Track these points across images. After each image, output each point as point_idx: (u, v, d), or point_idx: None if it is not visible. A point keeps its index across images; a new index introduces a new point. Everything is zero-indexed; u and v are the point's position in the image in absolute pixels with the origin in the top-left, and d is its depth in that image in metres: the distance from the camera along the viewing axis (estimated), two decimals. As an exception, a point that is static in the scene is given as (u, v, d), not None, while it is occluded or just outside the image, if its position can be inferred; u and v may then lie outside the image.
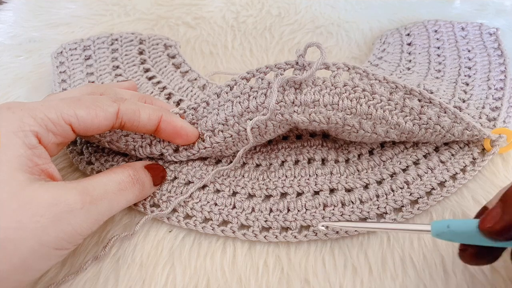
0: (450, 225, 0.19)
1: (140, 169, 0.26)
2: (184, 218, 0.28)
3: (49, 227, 0.20)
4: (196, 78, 0.38)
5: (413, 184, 0.28)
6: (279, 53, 0.43)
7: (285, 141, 0.31)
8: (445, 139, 0.27)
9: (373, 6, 0.48)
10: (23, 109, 0.22)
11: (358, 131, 0.26)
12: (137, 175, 0.25)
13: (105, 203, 0.23)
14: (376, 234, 0.27)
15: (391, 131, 0.26)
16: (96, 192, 0.22)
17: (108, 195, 0.23)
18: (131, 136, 0.29)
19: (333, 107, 0.25)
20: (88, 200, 0.21)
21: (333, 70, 0.27)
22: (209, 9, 0.49)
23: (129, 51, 0.40)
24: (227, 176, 0.29)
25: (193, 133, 0.28)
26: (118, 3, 0.49)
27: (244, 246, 0.27)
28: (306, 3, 0.49)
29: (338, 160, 0.30)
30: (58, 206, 0.20)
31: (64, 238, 0.21)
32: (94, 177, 0.23)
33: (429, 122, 0.26)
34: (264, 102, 0.26)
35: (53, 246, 0.20)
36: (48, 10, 0.49)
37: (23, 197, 0.19)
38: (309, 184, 0.28)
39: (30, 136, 0.21)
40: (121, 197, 0.24)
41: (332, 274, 0.25)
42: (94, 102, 0.24)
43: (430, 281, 0.24)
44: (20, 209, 0.19)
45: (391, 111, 0.26)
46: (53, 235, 0.20)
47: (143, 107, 0.26)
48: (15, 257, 0.19)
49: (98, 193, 0.22)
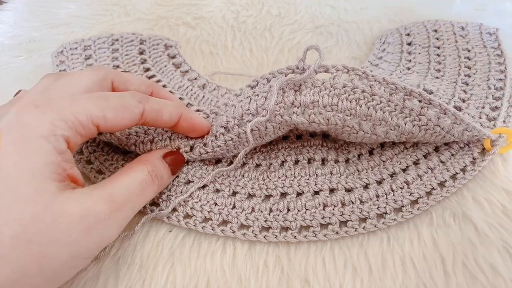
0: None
1: (158, 162, 0.26)
2: (184, 217, 0.28)
3: (80, 240, 0.20)
4: (196, 78, 0.38)
5: (413, 184, 0.28)
6: (279, 53, 0.43)
7: (285, 141, 0.31)
8: (445, 140, 0.27)
9: (373, 6, 0.48)
10: (53, 109, 0.21)
11: (357, 132, 0.26)
12: (155, 170, 0.25)
13: (129, 207, 0.23)
14: (376, 234, 0.27)
15: (391, 132, 0.26)
16: (121, 198, 0.22)
17: (132, 198, 0.23)
18: (134, 129, 0.29)
19: (333, 108, 0.25)
20: (115, 207, 0.21)
21: (332, 72, 0.27)
22: (209, 9, 0.49)
23: (129, 51, 0.40)
24: (227, 176, 0.29)
25: (208, 127, 0.28)
26: (118, 3, 0.49)
27: (244, 246, 0.27)
28: (306, 3, 0.49)
29: (338, 160, 0.30)
30: (88, 218, 0.20)
31: (94, 248, 0.21)
32: (116, 179, 0.23)
33: (429, 123, 0.26)
34: (263, 104, 0.26)
35: (84, 256, 0.21)
36: (48, 10, 0.49)
37: (55, 210, 0.19)
38: (309, 184, 0.28)
39: (61, 141, 0.21)
40: (142, 197, 0.24)
41: (332, 274, 0.25)
42: (121, 102, 0.23)
43: (430, 281, 0.24)
44: (53, 223, 0.19)
45: (390, 112, 0.25)
46: (84, 246, 0.20)
47: (165, 106, 0.26)
48: (49, 271, 0.19)
49: (123, 198, 0.22)
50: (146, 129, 0.29)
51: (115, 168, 0.30)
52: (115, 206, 0.21)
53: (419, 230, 0.27)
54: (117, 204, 0.22)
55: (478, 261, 0.25)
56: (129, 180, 0.23)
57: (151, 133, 0.29)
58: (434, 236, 0.26)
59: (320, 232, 0.26)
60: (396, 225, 0.27)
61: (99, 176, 0.30)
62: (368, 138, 0.27)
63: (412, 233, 0.27)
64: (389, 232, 0.27)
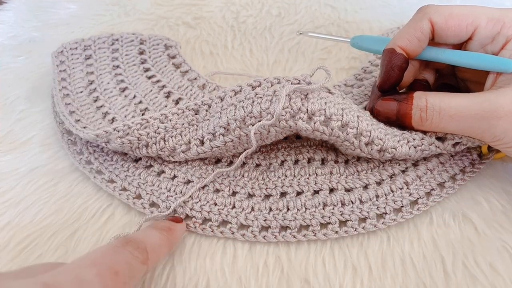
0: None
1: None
2: (184, 219, 0.28)
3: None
4: (196, 78, 0.38)
5: (413, 185, 0.28)
6: (279, 53, 0.42)
7: (285, 141, 0.31)
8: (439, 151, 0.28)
9: (373, 6, 0.48)
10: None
11: (355, 149, 0.27)
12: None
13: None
14: (376, 234, 0.27)
15: (387, 155, 0.27)
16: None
17: None
18: (128, 138, 0.28)
19: (338, 118, 0.25)
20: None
21: (333, 93, 0.27)
22: (209, 9, 0.49)
23: (129, 51, 0.40)
24: (227, 176, 0.29)
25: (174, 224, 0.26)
26: (118, 3, 0.49)
27: (245, 246, 0.27)
28: (306, 3, 0.49)
29: (338, 160, 0.30)
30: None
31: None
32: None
33: (423, 143, 0.26)
34: (268, 108, 0.26)
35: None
36: (48, 10, 0.49)
37: None
38: (309, 184, 0.28)
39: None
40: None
41: (332, 274, 0.25)
42: (129, 273, 0.20)
43: (430, 281, 0.24)
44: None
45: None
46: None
47: (159, 248, 0.23)
48: None
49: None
50: (156, 129, 0.28)
51: (114, 168, 0.30)
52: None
53: (419, 230, 0.27)
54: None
55: (478, 261, 0.25)
56: None
57: (144, 138, 0.28)
58: (434, 236, 0.26)
59: (319, 232, 0.26)
60: (396, 225, 0.27)
61: (99, 176, 0.30)
62: (363, 155, 0.28)
63: (412, 233, 0.27)
64: (389, 232, 0.27)
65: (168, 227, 0.25)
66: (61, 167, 0.32)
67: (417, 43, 0.26)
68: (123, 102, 0.35)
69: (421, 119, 0.25)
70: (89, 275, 0.18)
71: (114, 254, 0.21)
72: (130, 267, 0.20)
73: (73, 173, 0.31)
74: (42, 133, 0.34)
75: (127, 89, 0.36)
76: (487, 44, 0.25)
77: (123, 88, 0.36)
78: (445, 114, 0.24)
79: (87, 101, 0.34)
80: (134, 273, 0.20)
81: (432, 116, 0.25)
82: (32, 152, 0.33)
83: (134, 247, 0.21)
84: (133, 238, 0.22)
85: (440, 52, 0.26)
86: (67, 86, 0.35)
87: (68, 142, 0.32)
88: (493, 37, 0.25)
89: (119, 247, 0.21)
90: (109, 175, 0.30)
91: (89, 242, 0.27)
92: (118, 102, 0.34)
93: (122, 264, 0.20)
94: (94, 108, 0.34)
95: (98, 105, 0.34)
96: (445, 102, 0.24)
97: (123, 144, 0.28)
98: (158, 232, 0.24)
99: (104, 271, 0.19)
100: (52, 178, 0.31)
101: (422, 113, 0.25)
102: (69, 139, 0.32)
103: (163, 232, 0.24)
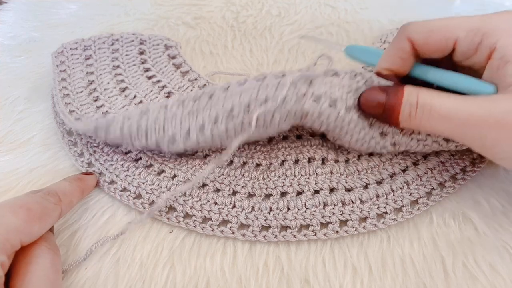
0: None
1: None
2: (184, 217, 0.28)
3: None
4: (196, 78, 0.38)
5: (413, 185, 0.28)
6: (279, 53, 0.43)
7: (285, 141, 0.31)
8: (441, 149, 0.28)
9: (373, 6, 0.48)
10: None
11: (365, 136, 0.26)
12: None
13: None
14: (376, 234, 0.27)
15: (388, 146, 0.26)
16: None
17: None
18: (128, 124, 0.28)
19: (343, 102, 0.25)
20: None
21: (340, 75, 0.27)
22: (209, 9, 0.49)
23: (129, 51, 0.40)
24: (227, 175, 0.29)
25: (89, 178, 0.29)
26: (118, 3, 0.49)
27: (245, 246, 0.27)
28: (306, 3, 0.49)
29: (338, 160, 0.30)
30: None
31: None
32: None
33: (427, 138, 0.26)
34: (273, 94, 0.25)
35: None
36: (48, 10, 0.49)
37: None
38: (309, 183, 0.28)
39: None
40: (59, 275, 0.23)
41: (332, 274, 0.25)
42: (43, 210, 0.23)
43: (430, 281, 0.24)
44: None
45: None
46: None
47: (72, 195, 0.26)
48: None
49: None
50: (155, 118, 0.28)
51: (115, 168, 0.30)
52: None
53: (419, 230, 0.27)
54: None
55: (478, 261, 0.25)
56: (37, 278, 0.21)
57: (160, 121, 0.27)
58: (434, 236, 0.26)
59: (320, 231, 0.26)
60: (396, 225, 0.27)
61: (100, 178, 0.30)
62: (364, 147, 0.27)
63: (412, 233, 0.27)
64: (389, 232, 0.27)
65: (78, 177, 0.29)
66: (61, 167, 0.32)
67: (401, 62, 0.25)
68: (123, 102, 0.35)
69: (409, 115, 0.24)
70: (2, 210, 0.22)
71: (26, 197, 0.24)
72: (42, 206, 0.23)
73: (74, 173, 0.31)
74: (42, 133, 0.34)
75: (127, 89, 0.36)
76: (472, 56, 0.24)
77: (123, 88, 0.36)
78: (435, 114, 0.23)
79: (87, 101, 0.34)
80: (47, 211, 0.23)
81: (422, 113, 0.23)
82: (32, 152, 0.33)
83: (45, 193, 0.24)
84: (44, 188, 0.26)
85: (425, 70, 0.26)
86: (67, 86, 0.35)
87: (68, 143, 0.32)
88: (476, 48, 0.24)
89: (31, 193, 0.24)
90: (110, 175, 0.30)
91: (90, 242, 0.27)
92: (118, 102, 0.34)
93: (34, 204, 0.23)
94: (94, 107, 0.34)
95: (98, 104, 0.34)
96: (437, 101, 0.23)
97: (123, 133, 0.27)
98: (68, 181, 0.27)
99: (17, 208, 0.22)
100: (52, 178, 0.31)
101: (412, 109, 0.24)
102: (70, 140, 0.32)
103: (73, 181, 0.27)
